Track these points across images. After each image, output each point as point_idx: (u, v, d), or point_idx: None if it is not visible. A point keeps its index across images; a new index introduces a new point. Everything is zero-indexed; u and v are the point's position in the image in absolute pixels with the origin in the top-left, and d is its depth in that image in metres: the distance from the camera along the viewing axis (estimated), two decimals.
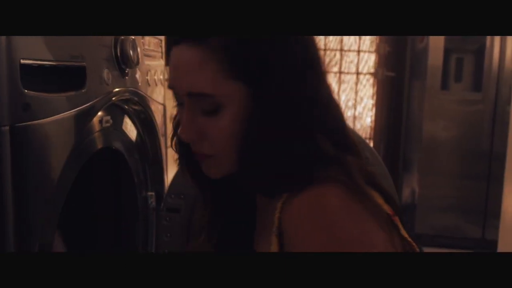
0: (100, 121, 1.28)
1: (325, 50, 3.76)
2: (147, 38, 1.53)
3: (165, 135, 1.68)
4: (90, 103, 1.15)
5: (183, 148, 0.95)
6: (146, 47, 1.52)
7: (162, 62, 1.66)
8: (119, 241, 1.60)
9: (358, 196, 0.78)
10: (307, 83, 0.83)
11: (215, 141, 0.85)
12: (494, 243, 2.64)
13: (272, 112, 0.81)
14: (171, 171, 1.67)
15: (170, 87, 0.89)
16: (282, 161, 0.81)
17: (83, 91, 1.12)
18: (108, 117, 1.31)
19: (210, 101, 0.83)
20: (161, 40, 1.64)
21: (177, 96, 0.89)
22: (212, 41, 0.80)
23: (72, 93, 1.10)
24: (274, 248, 0.81)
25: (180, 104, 0.89)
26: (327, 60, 4.67)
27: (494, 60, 3.38)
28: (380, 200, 0.84)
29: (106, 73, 1.21)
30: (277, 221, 0.81)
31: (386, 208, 0.84)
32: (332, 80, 3.79)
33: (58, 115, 1.05)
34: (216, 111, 0.83)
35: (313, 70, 0.85)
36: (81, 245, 1.61)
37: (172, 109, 2.22)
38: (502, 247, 2.56)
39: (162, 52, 1.66)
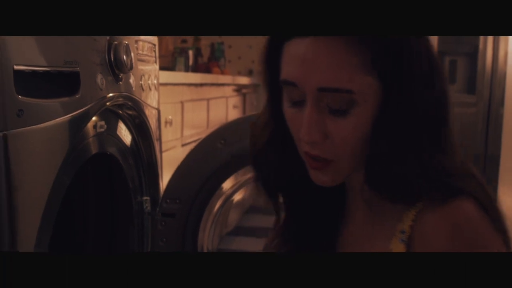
0: (94, 127, 1.27)
1: None
2: (140, 42, 1.53)
3: (159, 139, 1.67)
4: (84, 108, 1.15)
5: (267, 160, 0.89)
6: (140, 51, 1.52)
7: (156, 66, 1.66)
8: (114, 246, 1.60)
9: (493, 212, 0.77)
10: (436, 84, 0.80)
11: (339, 144, 0.79)
12: None
13: (407, 113, 0.77)
14: (166, 176, 1.66)
15: (289, 83, 0.80)
16: (418, 167, 0.77)
17: (77, 96, 1.12)
18: (103, 122, 1.31)
19: (343, 98, 0.76)
20: (154, 45, 1.64)
21: (292, 94, 0.81)
22: None
23: (66, 98, 1.10)
24: None
25: (295, 104, 0.82)
26: None
27: (487, 62, 3.39)
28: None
29: (100, 78, 1.21)
30: (409, 229, 0.77)
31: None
32: None
33: (52, 121, 1.05)
34: (347, 110, 0.77)
35: (439, 72, 0.81)
36: (76, 250, 1.60)
37: (167, 114, 2.20)
38: None
39: (155, 57, 1.65)
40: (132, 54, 1.36)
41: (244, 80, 4.20)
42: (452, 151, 0.81)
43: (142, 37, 1.54)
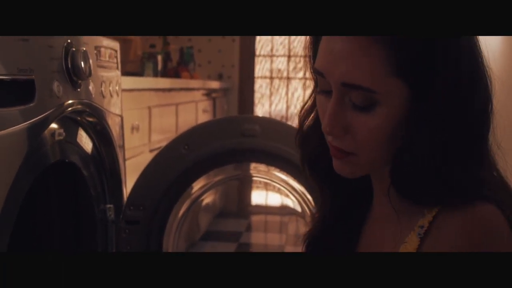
0: (53, 134, 1.26)
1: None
2: (102, 49, 1.52)
3: (123, 146, 1.66)
4: (40, 116, 1.13)
5: (309, 142, 0.91)
6: (102, 58, 1.51)
7: (117, 73, 1.64)
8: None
9: None
10: (477, 94, 0.78)
11: (359, 139, 0.80)
12: None
13: (434, 118, 0.76)
14: (130, 183, 1.65)
15: (318, 72, 0.82)
16: (440, 171, 0.77)
17: (31, 105, 1.11)
18: (61, 130, 1.30)
19: (365, 96, 0.77)
20: (116, 51, 1.63)
21: (322, 83, 0.83)
22: None
23: (21, 107, 1.08)
24: (408, 248, 0.78)
25: (324, 92, 0.83)
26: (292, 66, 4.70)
27: None
28: None
29: (56, 86, 1.19)
30: (427, 224, 0.77)
31: None
32: None
33: (6, 130, 1.03)
34: (369, 108, 0.77)
35: (482, 78, 0.79)
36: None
37: (133, 119, 2.18)
38: None
39: (117, 63, 1.64)
40: (91, 61, 1.35)
41: (214, 84, 4.19)
42: (487, 161, 0.81)
43: (104, 43, 1.53)
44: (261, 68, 4.82)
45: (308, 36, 0.89)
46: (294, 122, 3.59)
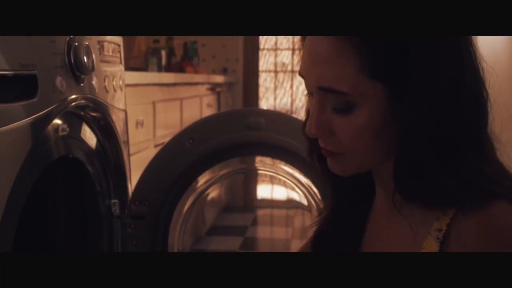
0: (56, 130, 1.25)
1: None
2: (105, 43, 1.51)
3: (127, 141, 1.65)
4: (43, 112, 1.12)
5: (312, 139, 0.89)
6: (105, 53, 1.50)
7: (121, 67, 1.63)
8: (83, 250, 1.58)
9: None
10: (462, 85, 0.76)
11: (343, 141, 0.80)
12: None
13: (417, 117, 0.75)
14: (134, 178, 1.64)
15: (300, 75, 0.83)
16: (448, 172, 0.75)
17: (34, 100, 1.10)
18: (65, 126, 1.29)
19: (341, 99, 0.77)
20: (119, 45, 1.62)
21: (306, 85, 0.83)
22: None
23: (23, 102, 1.08)
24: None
25: (310, 94, 0.84)
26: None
27: None
28: None
29: (59, 81, 1.18)
30: (445, 227, 0.76)
31: None
32: None
33: (9, 126, 1.02)
34: (348, 110, 0.77)
35: (470, 75, 0.77)
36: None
37: (137, 115, 2.18)
38: None
39: (121, 58, 1.63)
40: (94, 56, 1.34)
41: (218, 78, 4.18)
42: (491, 154, 0.80)
43: (107, 38, 1.51)
44: (265, 61, 4.81)
45: (299, 40, 0.89)
46: (299, 116, 3.58)
